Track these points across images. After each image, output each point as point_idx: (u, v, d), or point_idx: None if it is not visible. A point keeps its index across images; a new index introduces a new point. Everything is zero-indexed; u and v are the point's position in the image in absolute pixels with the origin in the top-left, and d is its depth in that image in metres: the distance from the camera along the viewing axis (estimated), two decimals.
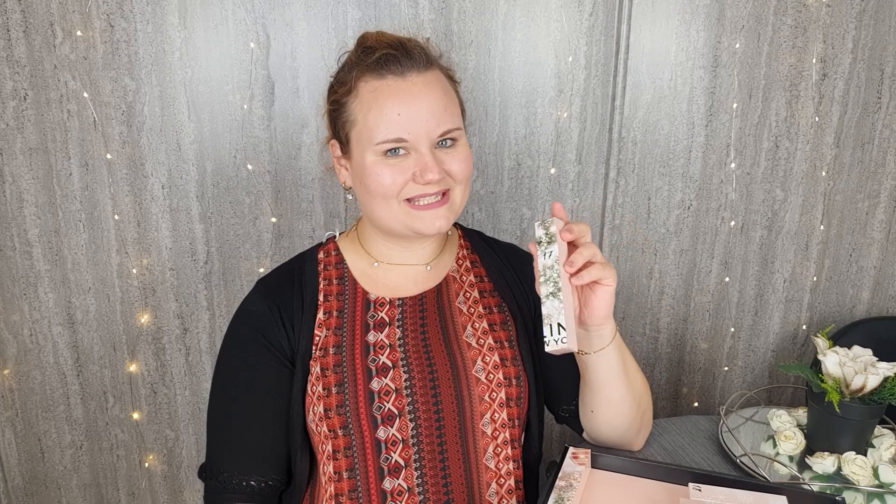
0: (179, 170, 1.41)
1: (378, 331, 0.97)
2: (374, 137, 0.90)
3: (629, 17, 1.49)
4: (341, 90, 0.94)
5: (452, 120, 0.92)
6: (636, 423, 1.03)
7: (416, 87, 0.90)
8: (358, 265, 1.02)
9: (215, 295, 1.50)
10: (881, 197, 1.70)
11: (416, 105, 0.89)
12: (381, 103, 0.89)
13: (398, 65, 0.90)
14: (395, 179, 0.90)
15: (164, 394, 1.54)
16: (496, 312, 1.02)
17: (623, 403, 0.99)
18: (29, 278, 1.42)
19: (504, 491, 0.97)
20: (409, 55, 0.90)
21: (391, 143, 0.89)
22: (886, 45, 1.58)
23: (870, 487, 1.07)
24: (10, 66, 1.30)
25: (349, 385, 0.93)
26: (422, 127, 0.89)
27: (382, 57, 0.90)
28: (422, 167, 0.90)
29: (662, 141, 1.57)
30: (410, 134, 0.89)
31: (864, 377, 1.09)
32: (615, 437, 1.04)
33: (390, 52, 0.90)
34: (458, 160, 0.93)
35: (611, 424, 1.02)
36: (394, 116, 0.89)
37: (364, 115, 0.91)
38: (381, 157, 0.91)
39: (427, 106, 0.89)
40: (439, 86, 0.92)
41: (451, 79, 0.98)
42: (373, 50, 0.91)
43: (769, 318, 1.75)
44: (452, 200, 0.94)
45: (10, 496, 1.53)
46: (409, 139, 0.89)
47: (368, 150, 0.91)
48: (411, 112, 0.89)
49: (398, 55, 0.90)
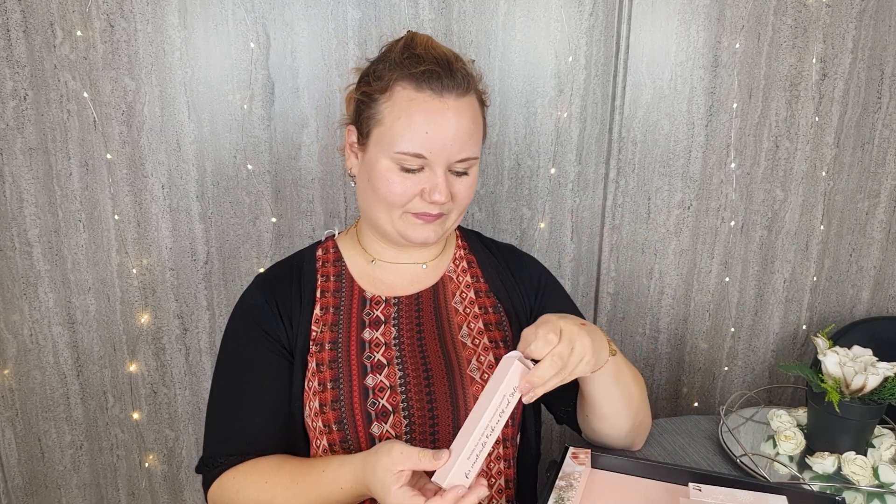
0: (179, 170, 1.41)
1: (374, 328, 0.98)
2: (395, 145, 0.90)
3: (629, 17, 1.49)
4: (376, 85, 0.93)
5: (473, 149, 0.93)
6: (632, 431, 1.04)
7: (450, 110, 0.90)
8: (355, 263, 1.03)
9: (215, 295, 1.50)
10: (881, 197, 1.70)
11: (444, 128, 0.90)
12: (412, 115, 0.89)
13: (439, 83, 0.90)
14: (405, 191, 0.92)
15: (164, 394, 1.54)
16: (492, 313, 1.02)
17: (618, 415, 1.00)
18: (29, 278, 1.42)
19: (494, 490, 0.97)
20: (452, 76, 0.91)
21: (410, 156, 0.90)
22: (886, 45, 1.58)
23: (870, 487, 1.07)
24: (10, 66, 1.30)
25: (344, 381, 0.93)
26: (443, 149, 0.90)
27: (427, 72, 0.90)
28: (432, 186, 0.91)
29: (662, 141, 1.57)
30: (432, 154, 0.90)
31: (864, 377, 1.09)
32: (611, 441, 1.05)
33: (435, 68, 0.90)
34: (464, 187, 0.95)
35: (606, 432, 1.03)
36: (421, 132, 0.89)
37: (392, 120, 0.91)
38: (395, 165, 0.91)
39: (455, 131, 0.90)
40: (471, 113, 0.93)
41: (483, 103, 0.98)
42: (419, 60, 0.90)
43: (769, 318, 1.75)
44: (447, 218, 0.96)
45: (10, 496, 1.53)
46: (429, 158, 0.90)
47: (386, 154, 0.91)
48: (439, 133, 0.89)
49: (442, 74, 0.90)
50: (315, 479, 0.87)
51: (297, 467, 0.90)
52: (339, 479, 0.85)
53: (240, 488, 0.91)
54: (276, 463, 0.92)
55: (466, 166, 0.93)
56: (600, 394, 0.96)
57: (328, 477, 0.86)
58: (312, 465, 0.89)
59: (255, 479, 0.90)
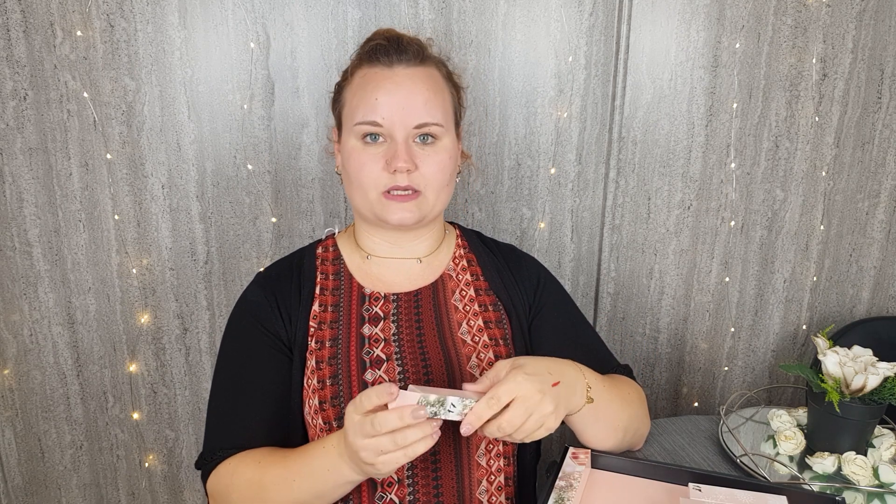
0: (179, 170, 1.41)
1: (373, 324, 0.98)
2: (354, 118, 0.94)
3: (629, 17, 1.49)
4: (342, 79, 1.00)
5: (431, 115, 0.94)
6: (623, 446, 1.04)
7: (399, 76, 0.94)
8: (353, 260, 1.04)
9: (215, 295, 1.50)
10: (881, 197, 1.70)
11: (395, 93, 0.93)
12: (364, 87, 0.94)
13: (387, 56, 0.95)
14: (370, 164, 0.94)
15: (164, 394, 1.54)
16: (492, 311, 1.03)
17: (603, 441, 0.99)
18: (29, 278, 1.42)
19: (494, 488, 0.97)
20: (400, 48, 0.95)
21: (366, 125, 0.93)
22: (886, 45, 1.58)
23: (870, 487, 1.07)
24: (10, 66, 1.30)
25: (343, 377, 0.94)
26: (396, 115, 0.92)
27: (375, 47, 0.96)
28: (392, 154, 0.93)
29: (662, 141, 1.57)
30: (385, 119, 0.92)
31: (864, 377, 1.09)
32: (606, 450, 1.04)
33: (382, 42, 0.95)
34: (432, 162, 0.95)
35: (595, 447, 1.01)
36: (372, 101, 0.93)
37: (351, 98, 0.96)
38: (360, 141, 0.95)
39: (406, 96, 0.93)
40: (427, 81, 0.95)
41: (452, 82, 1.00)
42: (370, 41, 0.97)
43: (769, 318, 1.75)
44: (424, 198, 0.96)
45: (10, 496, 1.53)
46: (384, 125, 0.93)
47: (350, 132, 0.95)
48: (389, 99, 0.93)
49: (389, 47, 0.95)
50: (303, 451, 0.88)
51: (289, 450, 0.91)
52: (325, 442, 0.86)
53: (235, 471, 0.92)
54: (271, 448, 0.94)
55: (427, 133, 0.94)
56: (580, 430, 0.97)
57: (317, 445, 0.87)
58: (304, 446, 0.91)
59: (249, 461, 0.91)
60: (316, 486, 0.85)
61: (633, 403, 1.02)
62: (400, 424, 0.74)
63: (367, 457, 0.76)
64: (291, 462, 0.88)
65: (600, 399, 0.93)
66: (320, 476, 0.85)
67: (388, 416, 0.74)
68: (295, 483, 0.86)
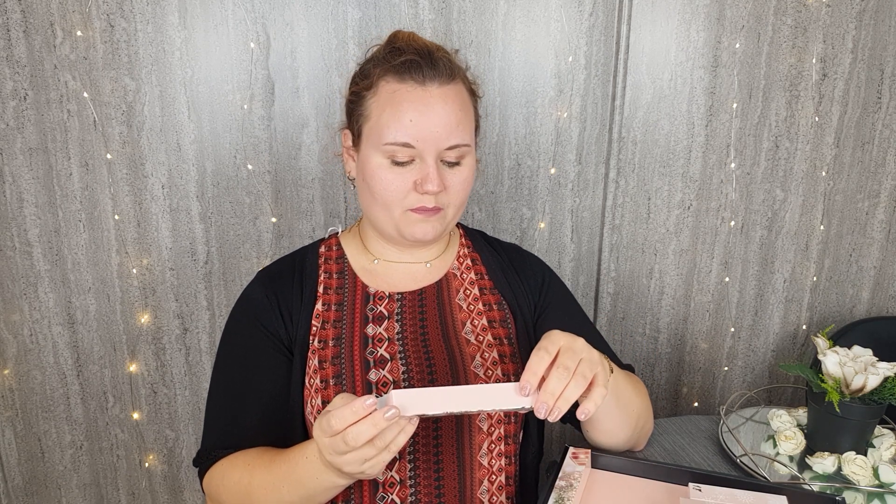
0: (179, 170, 1.41)
1: (377, 324, 0.98)
2: (383, 137, 0.90)
3: (629, 17, 1.49)
4: (362, 83, 0.94)
5: (462, 136, 0.92)
6: (633, 440, 1.05)
7: (433, 97, 0.90)
8: (358, 261, 1.04)
9: (215, 295, 1.50)
10: (881, 197, 1.70)
11: (429, 115, 0.89)
12: (397, 105, 0.90)
13: (420, 73, 0.90)
14: (398, 186, 0.92)
15: (164, 394, 1.54)
16: (496, 310, 1.03)
17: (619, 429, 1.00)
18: (29, 278, 1.42)
19: (495, 488, 0.97)
20: (433, 65, 0.91)
21: (398, 146, 0.90)
22: (886, 45, 1.58)
23: (870, 487, 1.07)
24: (10, 66, 1.30)
25: (347, 376, 0.93)
26: (430, 137, 0.90)
27: (407, 62, 0.90)
28: (424, 176, 0.91)
29: (662, 141, 1.57)
30: (419, 142, 0.90)
31: (864, 377, 1.09)
32: (613, 449, 1.05)
33: (415, 58, 0.90)
34: (457, 181, 0.94)
35: (606, 443, 1.03)
36: (406, 121, 0.89)
37: (378, 114, 0.91)
38: (386, 161, 0.91)
39: (440, 118, 0.90)
40: (458, 100, 0.92)
41: (473, 93, 0.98)
42: (400, 52, 0.92)
43: (769, 318, 1.75)
44: (445, 214, 0.95)
45: (10, 496, 1.53)
46: (417, 147, 0.90)
47: (377, 149, 0.92)
48: (424, 121, 0.89)
49: (422, 63, 0.90)
50: (287, 458, 0.86)
51: (277, 453, 0.90)
52: (305, 451, 0.84)
53: (225, 473, 0.92)
54: (261, 450, 0.93)
55: (457, 155, 0.93)
56: (602, 412, 0.96)
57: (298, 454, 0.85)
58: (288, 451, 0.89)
59: (239, 463, 0.91)
60: (305, 491, 0.85)
61: (643, 394, 1.03)
62: (376, 431, 0.72)
63: (353, 468, 0.75)
64: (277, 468, 0.87)
65: (618, 376, 0.93)
66: (308, 483, 0.84)
67: (361, 428, 0.71)
68: (284, 489, 0.85)
